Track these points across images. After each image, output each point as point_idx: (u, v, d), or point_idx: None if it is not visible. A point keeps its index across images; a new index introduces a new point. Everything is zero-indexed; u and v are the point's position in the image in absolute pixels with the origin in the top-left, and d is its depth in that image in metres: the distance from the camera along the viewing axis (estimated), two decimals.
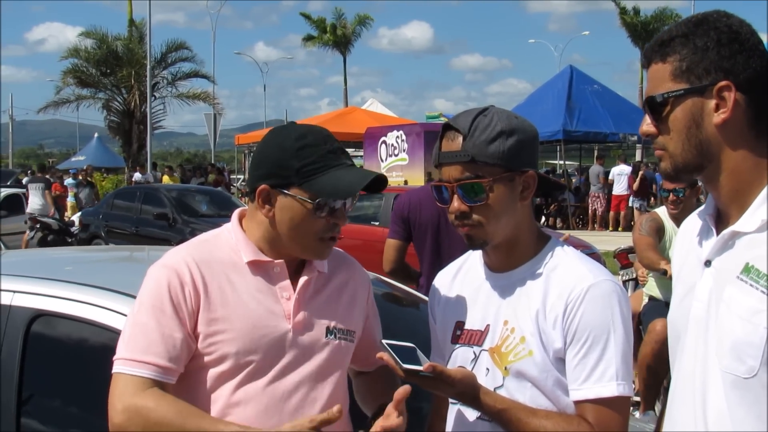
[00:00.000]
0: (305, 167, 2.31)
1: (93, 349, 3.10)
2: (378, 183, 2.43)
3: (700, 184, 5.99)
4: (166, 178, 29.59)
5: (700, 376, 1.92)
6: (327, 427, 2.34)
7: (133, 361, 2.26)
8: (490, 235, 2.27)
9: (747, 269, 1.84)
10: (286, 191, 2.33)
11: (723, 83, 1.86)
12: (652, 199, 24.93)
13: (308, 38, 60.27)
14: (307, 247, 2.38)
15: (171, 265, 2.35)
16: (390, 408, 2.20)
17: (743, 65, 1.87)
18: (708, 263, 1.96)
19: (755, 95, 1.87)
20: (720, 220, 1.98)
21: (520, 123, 2.27)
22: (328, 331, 2.42)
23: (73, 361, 3.27)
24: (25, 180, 29.80)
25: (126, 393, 2.23)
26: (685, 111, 1.91)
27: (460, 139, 2.24)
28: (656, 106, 1.94)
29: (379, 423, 2.21)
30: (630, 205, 25.37)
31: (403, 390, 2.17)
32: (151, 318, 2.29)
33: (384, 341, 2.24)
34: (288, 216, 2.34)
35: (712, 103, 1.88)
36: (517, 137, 2.23)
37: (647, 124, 1.97)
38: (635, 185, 23.95)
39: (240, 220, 2.47)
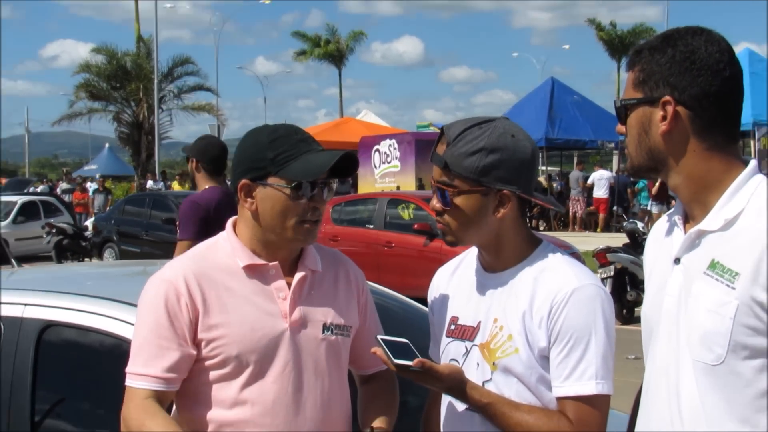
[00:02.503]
0: (279, 156, 2.31)
1: (99, 355, 3.10)
2: (349, 165, 2.42)
3: None
4: (176, 185, 29.53)
5: (674, 366, 1.95)
6: (329, 426, 2.37)
7: (135, 375, 2.29)
8: (458, 237, 2.28)
9: (713, 265, 1.88)
10: (264, 182, 2.33)
11: (666, 98, 1.93)
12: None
13: (301, 53, 60.42)
14: (292, 231, 2.34)
15: (168, 278, 2.34)
16: None
17: (690, 83, 1.92)
18: (677, 260, 2.00)
19: (702, 111, 1.92)
20: (687, 220, 2.02)
21: (513, 143, 2.22)
22: (325, 327, 2.40)
23: (81, 366, 3.26)
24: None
25: (130, 405, 2.28)
26: (637, 118, 2.00)
27: (446, 145, 2.25)
28: (619, 111, 2.04)
29: None
30: (613, 208, 25.47)
31: None
32: (149, 332, 2.30)
33: (378, 337, 2.24)
34: (269, 205, 2.33)
35: (659, 114, 1.95)
36: (499, 156, 2.20)
37: (619, 126, 2.06)
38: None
39: (234, 227, 2.45)
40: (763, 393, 1.82)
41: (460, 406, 2.28)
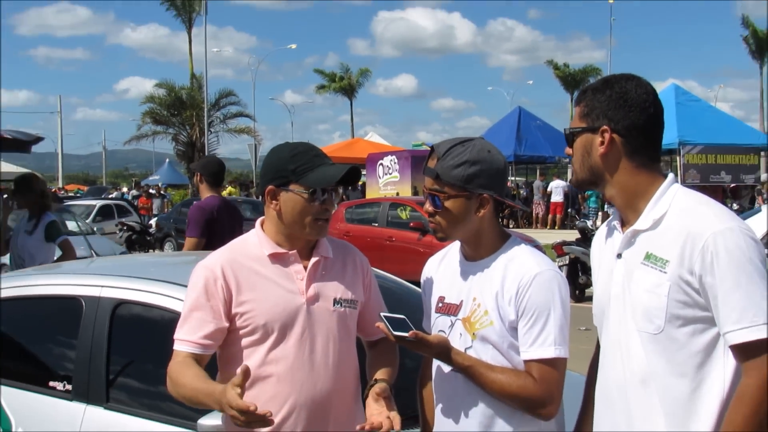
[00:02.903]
0: (298, 167, 2.32)
1: (159, 326, 3.10)
2: (353, 176, 2.45)
3: None
4: (231, 189, 29.57)
5: (624, 336, 1.99)
6: (341, 383, 2.36)
7: (180, 340, 2.33)
8: (447, 233, 2.28)
9: (648, 256, 1.94)
10: (287, 188, 2.33)
11: (604, 127, 2.00)
12: None
13: (320, 87, 60.45)
14: (308, 227, 2.35)
15: (208, 265, 2.36)
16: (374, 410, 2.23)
17: (623, 117, 1.99)
18: (619, 255, 2.05)
19: (631, 138, 2.00)
20: (623, 224, 2.08)
21: (489, 157, 2.23)
22: (335, 301, 2.39)
23: (145, 336, 3.27)
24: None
25: (173, 362, 2.32)
26: (582, 142, 2.06)
27: (436, 160, 2.24)
28: (568, 136, 2.09)
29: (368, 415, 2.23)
30: (568, 210, 25.51)
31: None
32: (192, 308, 2.33)
33: (381, 314, 2.23)
34: (290, 206, 2.33)
35: (598, 139, 2.01)
36: (479, 167, 2.20)
37: (567, 149, 2.11)
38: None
39: (261, 225, 2.46)
40: (695, 353, 1.88)
41: (447, 369, 2.27)
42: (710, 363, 1.87)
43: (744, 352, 1.79)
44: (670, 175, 2.03)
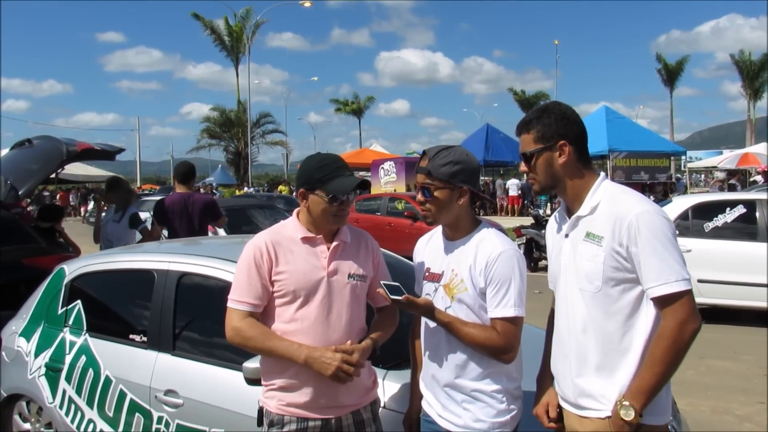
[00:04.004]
0: (323, 177, 2.29)
1: (215, 292, 3.07)
2: (365, 185, 2.41)
3: None
4: (283, 188, 29.05)
5: (570, 295, 2.02)
6: (349, 338, 2.32)
7: (235, 301, 2.29)
8: (436, 218, 2.25)
9: (588, 234, 1.96)
10: (313, 192, 2.31)
11: (562, 142, 2.00)
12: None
13: (336, 110, 60.35)
14: (329, 221, 2.33)
15: (255, 242, 2.33)
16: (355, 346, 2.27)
17: (570, 130, 2.00)
18: (567, 236, 2.06)
19: (579, 146, 2.01)
20: (569, 212, 2.09)
21: (468, 159, 2.22)
22: (350, 275, 2.36)
23: (204, 300, 3.24)
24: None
25: (233, 320, 2.28)
26: (543, 159, 2.03)
27: (427, 160, 2.23)
28: (527, 158, 2.06)
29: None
30: (525, 201, 25.56)
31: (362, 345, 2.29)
32: (243, 275, 2.29)
33: (382, 282, 2.20)
34: (315, 205, 2.31)
35: (557, 153, 2.01)
36: (461, 166, 2.19)
37: (523, 167, 2.10)
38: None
39: (297, 214, 2.43)
40: (625, 305, 1.90)
41: (432, 325, 2.25)
42: (637, 313, 1.90)
43: (661, 302, 1.83)
44: (602, 173, 2.05)
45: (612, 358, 1.91)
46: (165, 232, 5.72)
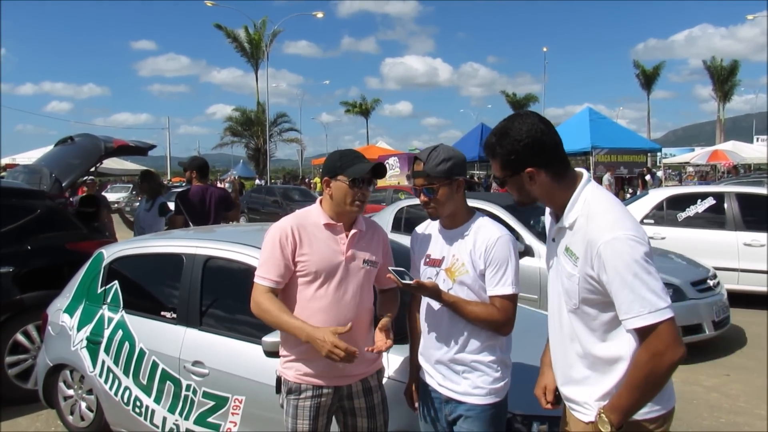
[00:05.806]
0: (343, 164, 2.29)
1: (238, 275, 3.08)
2: (381, 171, 2.35)
3: None
4: (317, 181, 28.72)
5: (557, 306, 1.88)
6: (362, 316, 2.33)
7: (260, 277, 2.27)
8: (440, 213, 2.23)
9: (566, 249, 1.78)
10: (336, 179, 2.30)
11: (529, 170, 1.77)
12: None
13: (346, 110, 60.12)
14: (350, 206, 2.31)
15: (280, 225, 2.30)
16: (380, 330, 2.24)
17: (536, 154, 1.76)
18: (554, 240, 1.88)
19: (550, 166, 1.77)
20: (556, 217, 1.88)
21: (455, 153, 2.20)
22: (364, 261, 2.35)
23: (227, 281, 3.24)
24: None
25: (256, 293, 2.27)
26: (514, 183, 1.82)
27: (422, 164, 2.20)
28: (499, 181, 1.86)
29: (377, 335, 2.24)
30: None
31: (383, 325, 2.23)
32: (269, 254, 2.27)
33: (390, 268, 2.18)
34: (338, 191, 2.30)
35: (527, 176, 1.78)
36: (453, 161, 2.17)
37: (497, 188, 1.92)
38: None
39: (320, 203, 2.41)
40: (604, 323, 1.74)
41: (436, 305, 2.24)
42: (616, 330, 1.73)
43: (637, 333, 1.64)
44: (585, 175, 1.81)
45: (600, 371, 1.76)
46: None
